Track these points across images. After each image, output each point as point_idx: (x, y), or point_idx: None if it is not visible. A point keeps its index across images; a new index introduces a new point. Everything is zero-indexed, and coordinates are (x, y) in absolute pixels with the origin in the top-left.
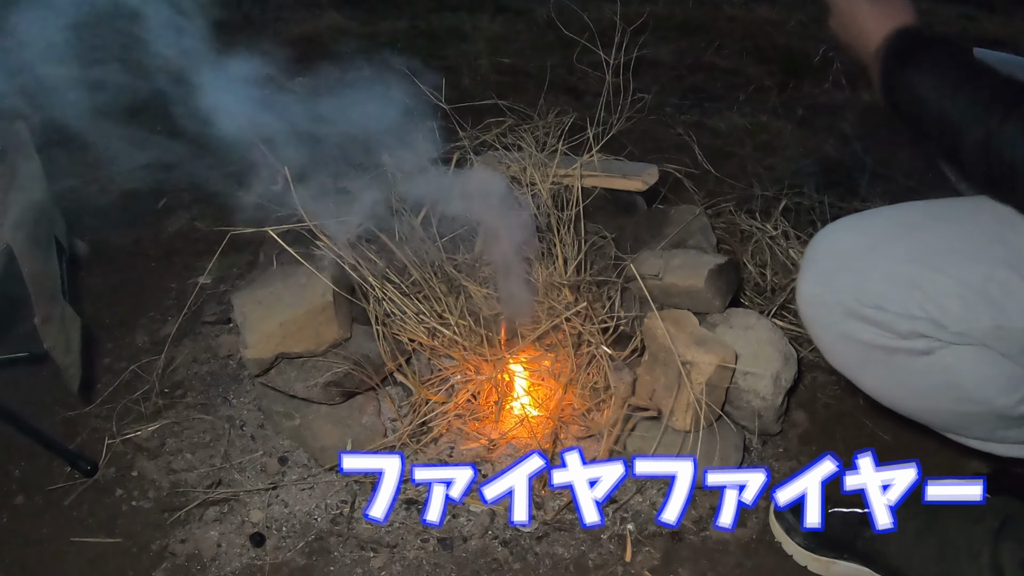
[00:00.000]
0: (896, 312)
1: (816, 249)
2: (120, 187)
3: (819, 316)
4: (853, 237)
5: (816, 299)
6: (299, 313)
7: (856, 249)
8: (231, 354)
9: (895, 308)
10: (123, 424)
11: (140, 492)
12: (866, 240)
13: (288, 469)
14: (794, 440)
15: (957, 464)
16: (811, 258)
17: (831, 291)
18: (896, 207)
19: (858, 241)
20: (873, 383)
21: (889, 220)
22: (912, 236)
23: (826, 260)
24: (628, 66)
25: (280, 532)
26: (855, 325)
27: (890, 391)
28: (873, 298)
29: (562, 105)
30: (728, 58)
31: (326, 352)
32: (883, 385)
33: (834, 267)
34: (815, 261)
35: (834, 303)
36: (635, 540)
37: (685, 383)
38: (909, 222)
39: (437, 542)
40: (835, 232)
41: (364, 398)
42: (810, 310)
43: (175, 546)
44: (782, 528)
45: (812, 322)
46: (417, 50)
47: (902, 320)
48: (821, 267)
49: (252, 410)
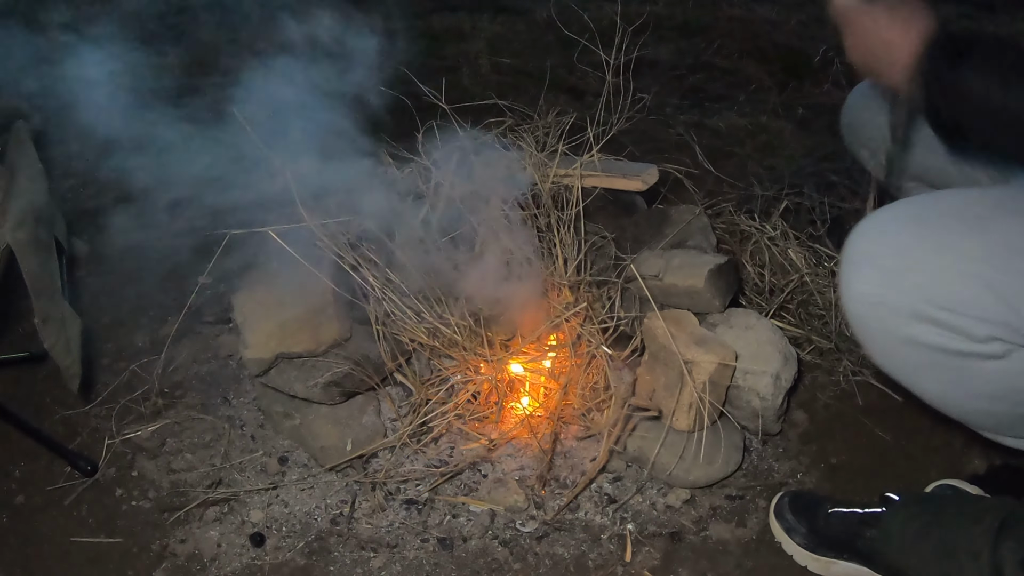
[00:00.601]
0: (971, 315)
1: (870, 244)
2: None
3: (879, 318)
4: (916, 231)
5: (877, 299)
6: (299, 313)
7: (923, 245)
8: (231, 354)
9: (970, 311)
10: (123, 424)
11: (140, 492)
12: (932, 235)
13: (288, 469)
14: (794, 440)
15: (957, 464)
16: (866, 254)
17: (896, 291)
18: (947, 195)
19: (923, 236)
20: (930, 386)
21: (952, 212)
22: (982, 231)
23: (888, 257)
24: (628, 66)
25: (280, 532)
26: (922, 328)
27: (948, 394)
28: (945, 300)
29: (562, 105)
30: (728, 58)
31: (326, 352)
32: (941, 388)
33: (900, 265)
34: (873, 258)
35: (899, 304)
36: (635, 540)
37: (687, 383)
38: (975, 214)
39: (437, 542)
40: (890, 225)
41: (364, 398)
42: (866, 311)
43: (175, 546)
44: (782, 528)
45: (867, 324)
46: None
47: (977, 324)
48: (883, 264)
49: (252, 410)
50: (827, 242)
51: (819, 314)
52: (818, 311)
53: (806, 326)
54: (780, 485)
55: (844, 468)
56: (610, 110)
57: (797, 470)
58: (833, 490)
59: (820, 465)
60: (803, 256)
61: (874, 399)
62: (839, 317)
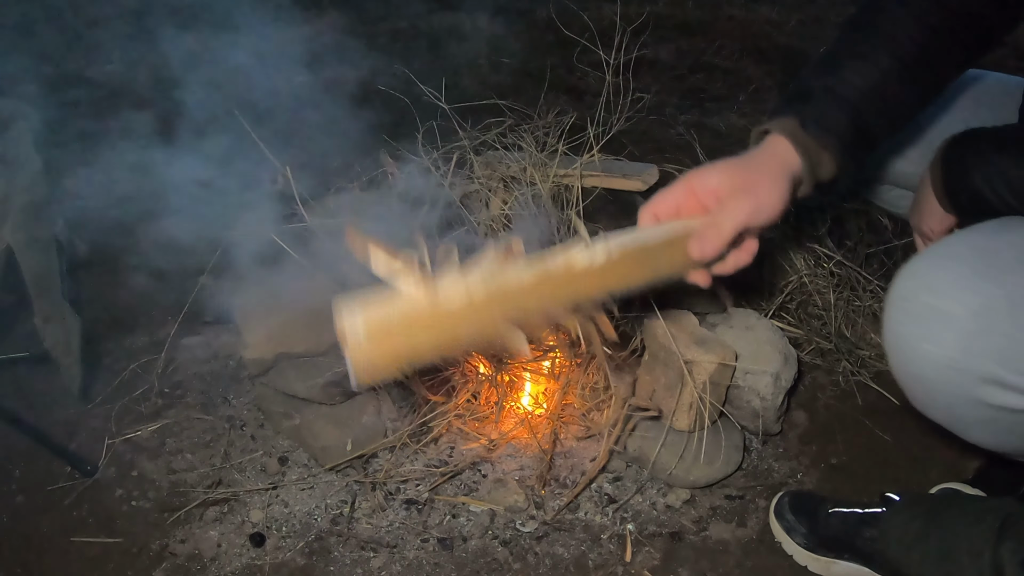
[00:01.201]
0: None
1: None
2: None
3: (945, 381)
4: (993, 288)
5: (948, 363)
6: (299, 313)
7: (1000, 304)
8: (231, 354)
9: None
10: (123, 424)
11: (140, 492)
12: (1005, 292)
13: (288, 469)
14: (794, 440)
15: (958, 465)
16: (940, 310)
17: (972, 356)
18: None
19: (999, 293)
20: (983, 436)
21: (1020, 259)
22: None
23: (967, 319)
24: (628, 66)
25: (280, 532)
26: (992, 391)
27: (998, 440)
28: (1020, 363)
29: (562, 105)
30: (728, 58)
31: (327, 352)
32: (997, 438)
33: (978, 328)
34: (949, 316)
35: (972, 369)
36: (635, 540)
37: (687, 382)
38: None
39: (437, 542)
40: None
41: (364, 398)
42: (934, 374)
43: (175, 546)
44: (782, 528)
45: (933, 387)
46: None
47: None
48: (961, 327)
49: (252, 410)
50: (827, 243)
51: (819, 315)
52: (818, 312)
53: (806, 326)
54: (780, 485)
55: (844, 468)
56: (610, 110)
57: (797, 470)
58: (833, 490)
59: (820, 465)
60: (803, 257)
61: (874, 400)
62: (839, 318)
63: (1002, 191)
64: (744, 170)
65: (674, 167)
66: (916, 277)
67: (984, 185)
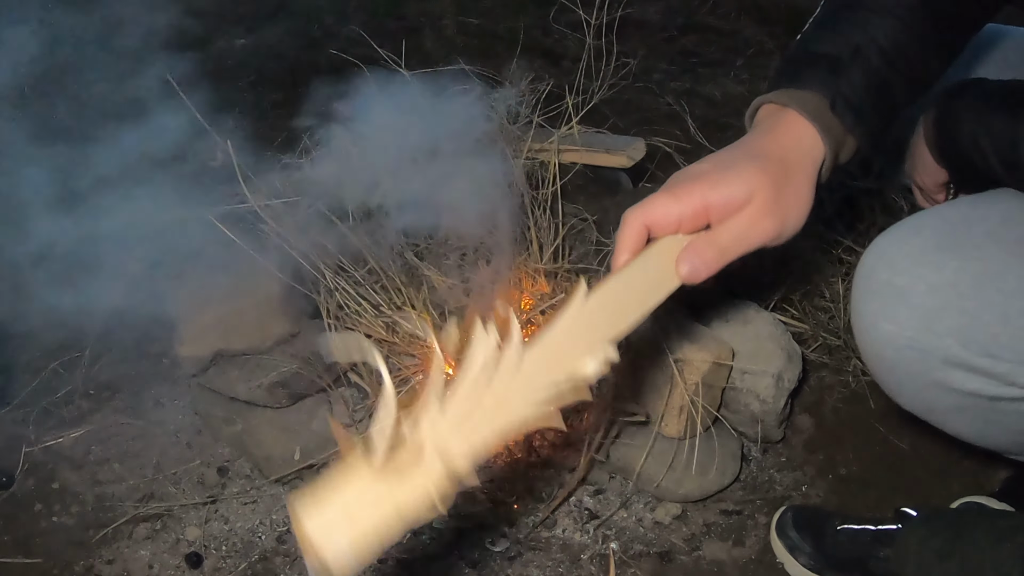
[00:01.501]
0: (1012, 360)
1: (899, 275)
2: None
3: (907, 361)
4: (956, 262)
5: (907, 343)
6: (241, 305)
7: (962, 279)
8: (164, 351)
9: (1011, 356)
10: (42, 430)
11: (62, 507)
12: (971, 267)
13: (229, 481)
14: (798, 448)
15: (982, 476)
16: (894, 287)
17: (931, 334)
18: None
19: (963, 267)
20: (960, 426)
21: (991, 234)
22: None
23: (924, 295)
24: (611, 27)
25: (220, 552)
26: (957, 375)
27: (977, 430)
28: (985, 345)
29: (537, 71)
30: (724, 18)
31: (271, 349)
32: (973, 428)
33: (937, 304)
34: (905, 292)
35: (933, 348)
36: (619, 560)
37: (677, 384)
38: (1019, 237)
39: (396, 563)
40: (920, 251)
41: (314, 401)
42: (894, 355)
43: (101, 567)
44: (785, 547)
45: (893, 369)
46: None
47: (1019, 369)
48: (917, 303)
49: (188, 414)
50: (836, 226)
51: (826, 307)
52: (825, 304)
53: (811, 320)
54: (782, 499)
55: (854, 480)
56: (591, 77)
57: (801, 482)
58: (842, 505)
59: (827, 476)
60: (808, 242)
61: (888, 402)
62: (848, 311)
63: (987, 149)
64: (773, 178)
65: (663, 140)
66: (877, 253)
67: (968, 140)
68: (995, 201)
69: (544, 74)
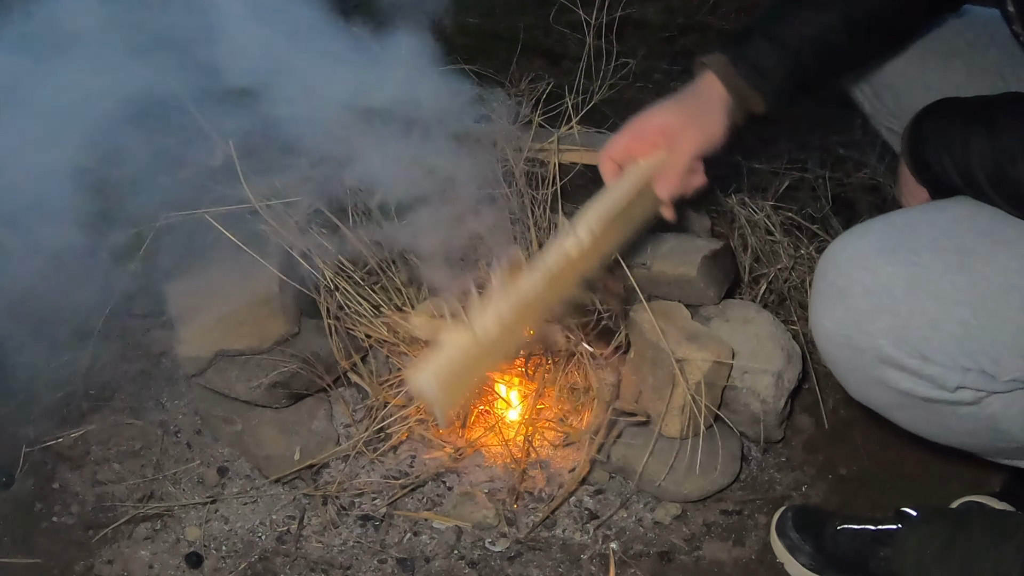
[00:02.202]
0: (943, 365)
1: (840, 276)
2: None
3: (846, 358)
4: (892, 267)
5: (844, 340)
6: (240, 305)
7: (896, 284)
8: (164, 351)
9: (942, 360)
10: (42, 430)
11: (62, 506)
12: (908, 271)
13: (228, 481)
14: (798, 448)
15: (982, 475)
16: (835, 287)
17: (864, 334)
18: (929, 218)
19: (898, 272)
20: (906, 421)
21: (933, 242)
22: (965, 267)
23: (858, 296)
24: (612, 27)
25: (219, 552)
26: (891, 374)
27: (924, 428)
28: (916, 347)
29: (537, 71)
30: (724, 17)
31: (271, 349)
32: (917, 424)
33: (869, 306)
34: (842, 293)
35: (866, 347)
36: (619, 561)
37: (678, 383)
38: (958, 246)
39: (396, 563)
40: (862, 255)
41: (314, 401)
42: (834, 351)
43: (101, 567)
44: (785, 547)
45: (836, 363)
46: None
47: (949, 373)
48: (852, 304)
49: (188, 414)
50: (832, 223)
51: None
52: None
53: None
54: (783, 499)
55: (855, 480)
56: (591, 76)
57: (802, 482)
58: (842, 505)
59: (828, 476)
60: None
61: None
62: None
63: (950, 170)
64: (685, 107)
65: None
66: (828, 254)
67: (935, 162)
68: (945, 208)
69: (544, 74)
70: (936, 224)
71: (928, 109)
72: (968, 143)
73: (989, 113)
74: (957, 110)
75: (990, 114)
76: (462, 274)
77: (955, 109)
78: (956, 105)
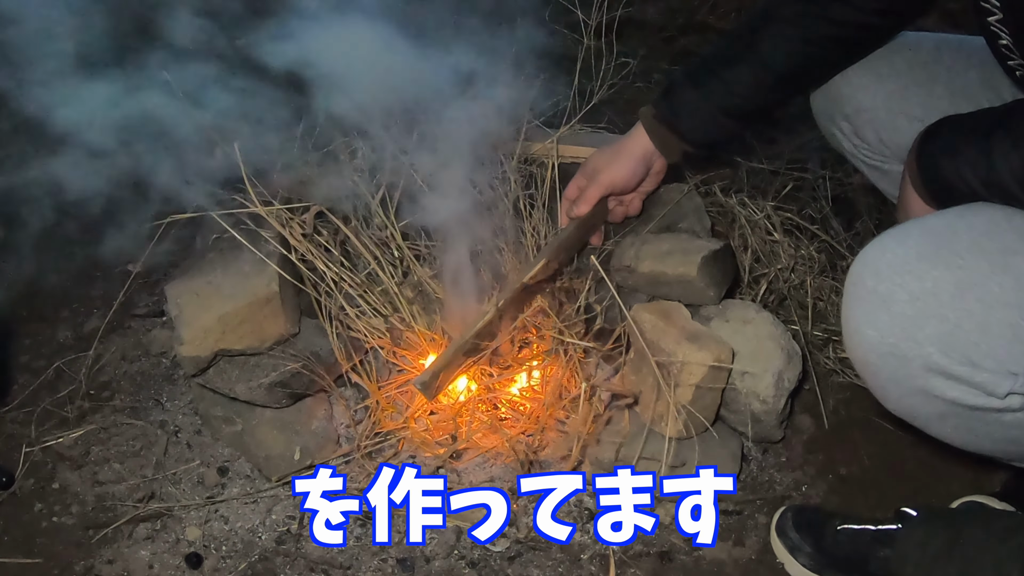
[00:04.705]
0: (992, 371)
1: (882, 282)
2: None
3: (890, 369)
4: (936, 271)
5: (888, 350)
6: (241, 305)
7: (942, 288)
8: (164, 351)
9: (991, 365)
10: (43, 430)
11: (62, 507)
12: (952, 275)
13: (228, 481)
14: (798, 448)
15: (983, 475)
16: (877, 294)
17: (912, 342)
18: (967, 220)
19: (943, 276)
20: (945, 432)
21: (975, 245)
22: (1010, 268)
23: (904, 303)
24: (611, 26)
25: (219, 552)
26: (938, 383)
27: (962, 438)
28: (965, 353)
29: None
30: (724, 17)
31: (271, 349)
32: (958, 435)
33: (916, 312)
34: (886, 300)
35: (913, 356)
36: (619, 560)
37: (679, 383)
38: (1001, 247)
39: (396, 563)
40: (903, 259)
41: (314, 401)
42: (877, 361)
43: (101, 567)
44: (785, 547)
45: (877, 374)
46: None
47: (999, 379)
48: (897, 311)
49: (188, 414)
50: (831, 224)
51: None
52: (824, 303)
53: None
54: (783, 499)
55: (855, 480)
56: (590, 77)
57: (802, 482)
58: (842, 505)
59: (828, 476)
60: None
61: None
62: None
63: (972, 182)
64: (608, 153)
65: None
66: (864, 260)
67: (954, 176)
68: (980, 212)
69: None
70: (975, 226)
71: (930, 132)
72: (991, 155)
73: (1006, 123)
74: (968, 127)
75: (1008, 124)
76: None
77: (964, 126)
78: (962, 123)
